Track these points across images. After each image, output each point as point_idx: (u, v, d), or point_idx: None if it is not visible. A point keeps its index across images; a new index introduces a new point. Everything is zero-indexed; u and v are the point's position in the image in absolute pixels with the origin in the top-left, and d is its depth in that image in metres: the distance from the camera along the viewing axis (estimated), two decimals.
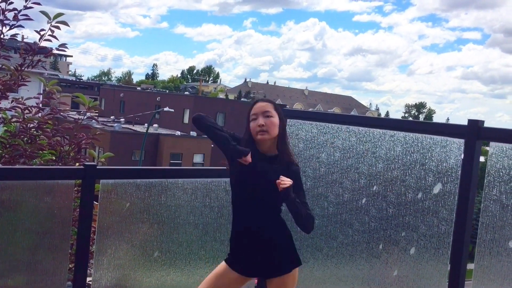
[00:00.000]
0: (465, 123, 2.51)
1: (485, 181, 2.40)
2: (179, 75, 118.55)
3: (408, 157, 2.75)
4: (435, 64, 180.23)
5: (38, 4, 4.53)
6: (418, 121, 3.25)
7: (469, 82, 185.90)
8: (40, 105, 4.74)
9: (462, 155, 2.50)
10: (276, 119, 2.67)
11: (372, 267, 2.92)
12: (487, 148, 2.48)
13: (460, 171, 2.50)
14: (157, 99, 44.75)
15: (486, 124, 2.48)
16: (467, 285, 2.46)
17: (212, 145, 35.88)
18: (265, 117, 2.65)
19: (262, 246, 2.66)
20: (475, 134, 2.45)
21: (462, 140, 2.50)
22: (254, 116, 2.68)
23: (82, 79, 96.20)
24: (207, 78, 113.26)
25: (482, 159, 2.57)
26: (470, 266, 2.44)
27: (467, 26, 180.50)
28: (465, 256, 2.49)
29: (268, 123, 2.64)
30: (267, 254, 2.66)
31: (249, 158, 2.59)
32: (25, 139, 4.36)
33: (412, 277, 2.72)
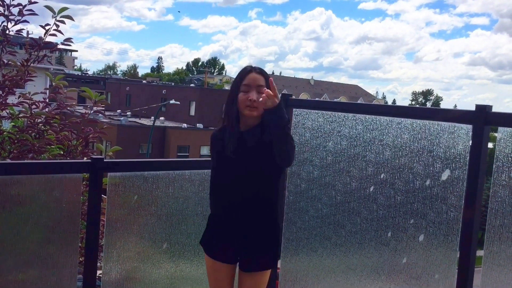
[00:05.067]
0: (473, 109, 2.49)
1: (493, 166, 2.39)
2: (184, 68, 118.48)
3: (416, 144, 2.73)
4: (443, 51, 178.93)
5: None
6: (425, 108, 3.24)
7: (476, 68, 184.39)
8: (47, 100, 4.76)
9: (470, 141, 2.48)
10: None
11: (381, 255, 2.91)
12: (495, 134, 2.46)
13: (468, 157, 2.49)
14: (163, 92, 44.80)
15: (494, 110, 2.45)
16: (477, 271, 2.46)
17: None
18: (258, 92, 2.49)
19: (241, 230, 2.55)
20: (483, 119, 2.43)
21: (470, 126, 2.48)
22: (246, 88, 2.50)
23: (87, 73, 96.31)
24: (213, 70, 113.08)
25: (490, 145, 2.55)
26: (480, 253, 2.43)
27: (475, 11, 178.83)
28: (474, 242, 2.48)
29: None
30: (247, 240, 2.55)
31: None
32: (33, 134, 4.38)
33: (421, 264, 2.72)
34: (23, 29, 4.67)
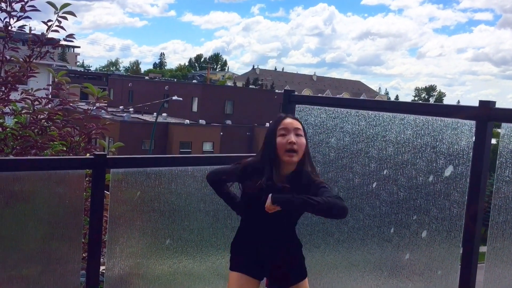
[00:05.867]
0: (477, 105, 2.48)
1: (497, 162, 2.38)
2: (186, 64, 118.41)
3: (419, 140, 2.73)
4: (446, 46, 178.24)
5: None
6: (428, 104, 3.23)
7: (480, 63, 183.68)
8: (50, 96, 4.76)
9: (474, 137, 2.47)
10: (304, 140, 2.49)
11: (384, 251, 2.91)
12: (499, 130, 2.45)
13: (471, 153, 2.48)
14: (165, 88, 44.83)
15: (497, 106, 2.44)
16: (480, 267, 2.45)
17: (221, 133, 36.07)
18: (296, 135, 2.45)
19: (276, 253, 2.58)
20: (487, 115, 2.42)
21: (473, 122, 2.47)
22: (284, 131, 2.46)
23: (90, 69, 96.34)
24: (215, 66, 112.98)
25: (493, 141, 2.54)
26: (483, 249, 2.42)
27: (479, 7, 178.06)
28: (477, 238, 2.48)
29: (300, 142, 2.44)
30: (284, 259, 2.61)
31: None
32: (36, 130, 4.38)
33: (424, 261, 2.71)
34: (25, 25, 4.67)
